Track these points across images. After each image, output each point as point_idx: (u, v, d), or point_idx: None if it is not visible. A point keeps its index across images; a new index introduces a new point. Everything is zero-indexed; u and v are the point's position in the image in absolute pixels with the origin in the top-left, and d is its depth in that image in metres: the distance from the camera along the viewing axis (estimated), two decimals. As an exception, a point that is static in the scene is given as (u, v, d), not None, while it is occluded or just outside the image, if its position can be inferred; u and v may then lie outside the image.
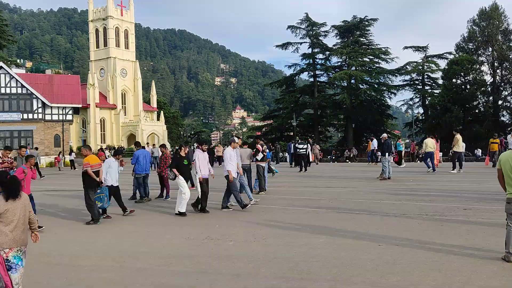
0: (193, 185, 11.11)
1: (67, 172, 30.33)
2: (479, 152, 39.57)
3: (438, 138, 25.45)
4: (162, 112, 76.46)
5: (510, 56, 48.56)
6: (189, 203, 10.22)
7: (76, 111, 45.45)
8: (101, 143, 69.49)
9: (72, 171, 30.98)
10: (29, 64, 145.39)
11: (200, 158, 10.20)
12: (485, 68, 50.19)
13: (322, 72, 59.10)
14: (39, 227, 9.23)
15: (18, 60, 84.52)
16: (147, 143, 34.70)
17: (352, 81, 54.30)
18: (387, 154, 16.62)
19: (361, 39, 57.00)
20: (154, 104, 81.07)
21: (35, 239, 4.60)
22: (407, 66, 56.67)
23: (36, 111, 39.49)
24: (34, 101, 39.35)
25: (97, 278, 5.49)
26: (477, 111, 50.29)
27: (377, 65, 56.55)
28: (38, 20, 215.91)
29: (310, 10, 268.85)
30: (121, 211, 10.21)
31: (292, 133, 52.18)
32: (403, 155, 26.21)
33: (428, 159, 19.60)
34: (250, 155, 13.66)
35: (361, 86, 55.15)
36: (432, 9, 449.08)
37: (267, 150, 15.26)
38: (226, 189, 10.63)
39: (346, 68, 55.13)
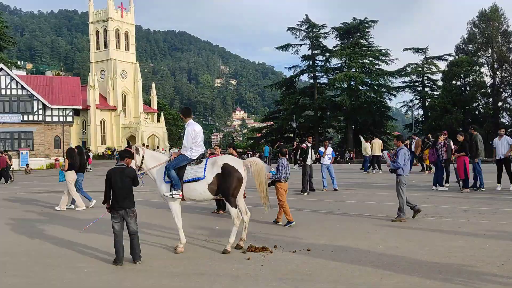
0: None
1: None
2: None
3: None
4: (162, 113, 76.54)
5: (510, 58, 48.54)
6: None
7: (76, 112, 45.47)
8: (102, 144, 69.63)
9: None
10: (29, 65, 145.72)
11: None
12: (485, 69, 50.17)
13: (322, 74, 59.09)
14: None
15: (18, 62, 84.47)
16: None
17: (352, 82, 54.28)
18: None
19: (361, 40, 57.01)
20: (154, 105, 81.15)
21: None
22: (407, 67, 56.65)
23: (36, 113, 39.51)
24: (35, 103, 39.36)
25: (97, 279, 5.49)
26: (477, 112, 50.27)
27: (377, 67, 56.53)
28: (38, 22, 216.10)
29: (310, 12, 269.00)
30: None
31: (292, 135, 52.19)
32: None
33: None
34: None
35: (361, 88, 55.12)
36: (432, 10, 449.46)
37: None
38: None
39: (346, 69, 55.11)
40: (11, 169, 23.97)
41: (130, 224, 6.17)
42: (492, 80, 50.04)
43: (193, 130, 7.09)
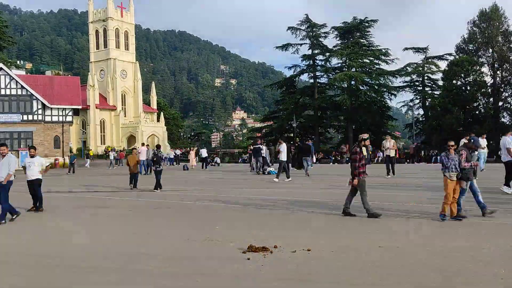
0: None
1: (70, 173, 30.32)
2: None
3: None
4: (162, 113, 76.56)
5: (511, 58, 48.56)
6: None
7: (76, 112, 45.47)
8: (101, 144, 69.63)
9: (76, 172, 30.96)
10: (29, 65, 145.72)
11: None
12: (485, 69, 50.22)
13: (322, 74, 59.13)
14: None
15: (18, 62, 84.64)
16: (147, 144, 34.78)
17: (352, 82, 54.29)
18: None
19: (361, 40, 57.05)
20: (154, 105, 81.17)
21: None
22: (407, 67, 56.69)
23: (36, 113, 39.49)
24: (34, 103, 39.34)
25: (97, 280, 5.47)
26: (477, 112, 50.27)
27: (377, 67, 56.57)
28: (38, 22, 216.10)
29: (310, 12, 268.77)
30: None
31: (292, 135, 52.22)
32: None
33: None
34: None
35: (361, 88, 55.15)
36: (432, 9, 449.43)
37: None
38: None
39: (346, 69, 55.13)
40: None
41: None
42: (492, 80, 50.07)
43: None
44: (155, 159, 16.28)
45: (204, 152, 35.49)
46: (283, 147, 19.17)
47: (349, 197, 9.42)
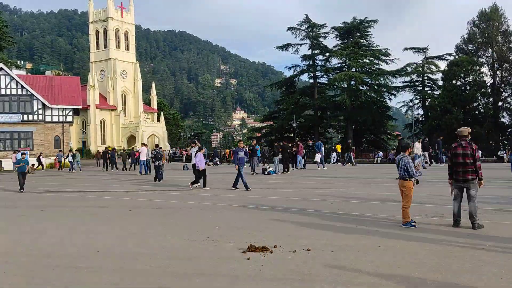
0: None
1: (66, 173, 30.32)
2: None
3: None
4: (162, 113, 76.60)
5: (510, 58, 48.57)
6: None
7: (76, 112, 45.49)
8: (101, 144, 69.64)
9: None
10: (29, 65, 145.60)
11: None
12: (485, 69, 50.22)
13: (322, 74, 59.07)
14: None
15: (18, 62, 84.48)
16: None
17: (352, 82, 54.24)
18: None
19: (361, 40, 56.98)
20: (154, 105, 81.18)
21: None
22: (407, 67, 56.63)
23: (36, 113, 39.51)
24: (34, 103, 39.36)
25: (97, 280, 5.48)
26: (477, 112, 50.26)
27: (377, 67, 56.50)
28: (38, 22, 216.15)
29: (309, 12, 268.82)
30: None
31: (292, 135, 52.17)
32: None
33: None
34: None
35: (361, 88, 55.09)
36: (432, 9, 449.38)
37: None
38: None
39: (346, 69, 55.07)
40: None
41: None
42: (492, 80, 50.08)
43: None
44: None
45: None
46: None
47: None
